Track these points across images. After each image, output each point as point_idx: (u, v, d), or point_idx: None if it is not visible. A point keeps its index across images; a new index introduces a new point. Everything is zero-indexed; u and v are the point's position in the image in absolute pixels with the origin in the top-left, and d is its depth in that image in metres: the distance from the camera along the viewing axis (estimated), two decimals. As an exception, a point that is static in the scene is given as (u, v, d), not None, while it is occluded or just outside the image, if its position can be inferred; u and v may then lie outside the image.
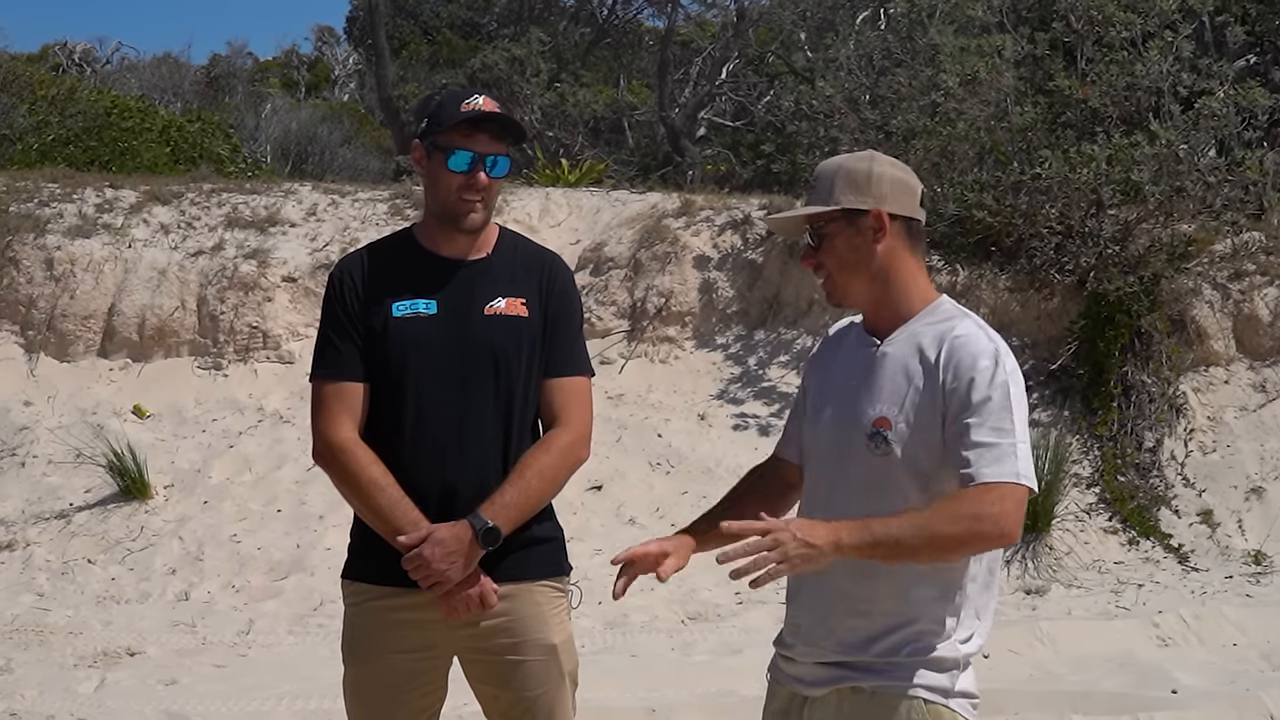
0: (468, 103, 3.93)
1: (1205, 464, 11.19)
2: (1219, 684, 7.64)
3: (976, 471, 3.20)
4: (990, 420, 3.23)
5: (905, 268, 3.44)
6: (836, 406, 3.48)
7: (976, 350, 3.30)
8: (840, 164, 3.48)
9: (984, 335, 3.34)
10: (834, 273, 3.46)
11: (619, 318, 12.87)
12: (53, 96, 19.30)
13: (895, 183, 3.44)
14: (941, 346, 3.32)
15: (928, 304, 3.45)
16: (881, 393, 3.37)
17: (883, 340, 3.44)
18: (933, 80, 13.02)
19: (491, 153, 3.92)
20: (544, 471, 3.90)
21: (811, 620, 3.45)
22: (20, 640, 8.89)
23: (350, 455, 3.88)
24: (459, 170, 3.90)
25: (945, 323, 3.39)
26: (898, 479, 3.32)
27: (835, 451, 3.45)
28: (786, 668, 3.53)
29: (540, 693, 3.97)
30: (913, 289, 3.45)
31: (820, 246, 3.46)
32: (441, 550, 3.77)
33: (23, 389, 12.17)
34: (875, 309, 3.48)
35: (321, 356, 3.99)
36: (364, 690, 4.00)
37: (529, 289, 3.99)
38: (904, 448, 3.31)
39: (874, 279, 3.44)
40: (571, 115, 23.78)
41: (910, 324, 3.42)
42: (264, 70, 37.91)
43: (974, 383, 3.26)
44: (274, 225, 13.53)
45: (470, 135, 3.90)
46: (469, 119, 3.89)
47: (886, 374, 3.38)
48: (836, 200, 3.43)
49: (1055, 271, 11.95)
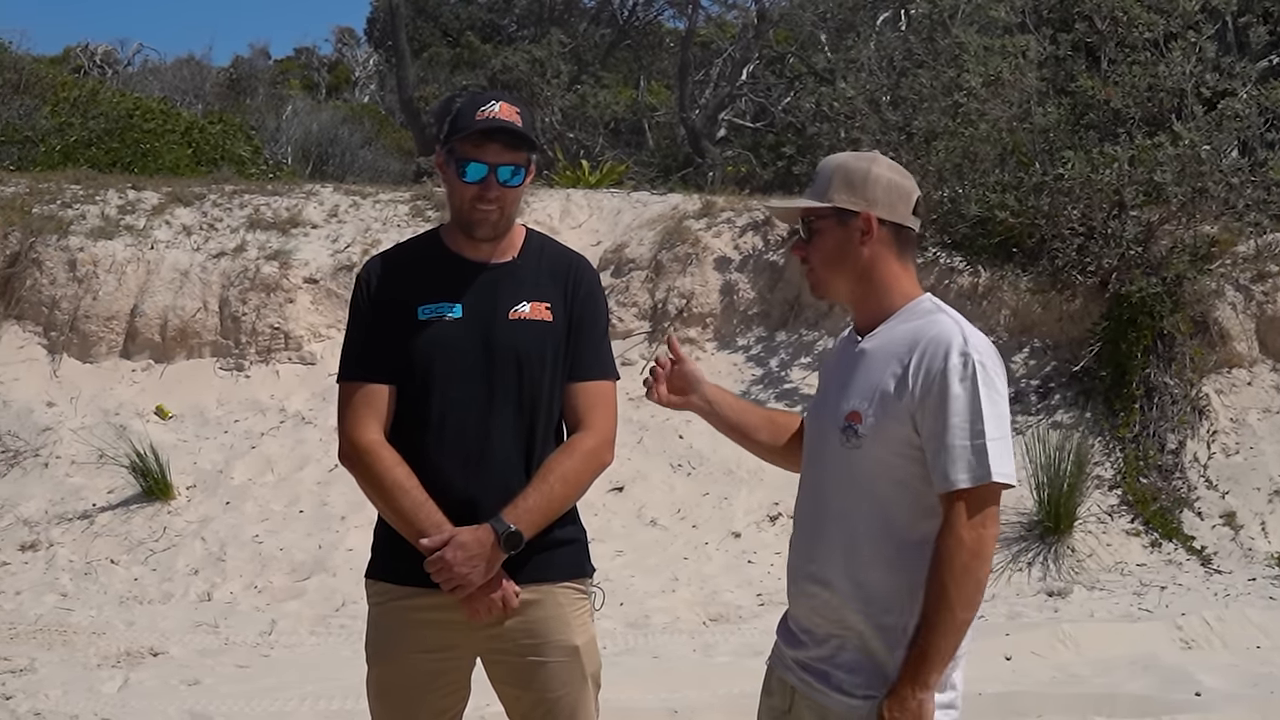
0: (483, 110, 3.90)
1: (1228, 466, 11.14)
2: (1242, 687, 7.61)
3: (952, 476, 3.26)
4: (960, 420, 3.27)
5: (889, 270, 3.51)
6: (819, 403, 3.61)
7: (947, 348, 3.33)
8: (841, 162, 3.55)
9: (957, 331, 3.38)
10: (818, 266, 3.55)
11: (640, 319, 12.87)
12: (75, 98, 19.41)
13: (890, 188, 3.49)
14: (914, 346, 3.37)
15: (909, 301, 3.50)
16: (856, 388, 3.44)
17: (864, 337, 3.51)
18: (955, 81, 12.98)
19: (505, 163, 3.90)
20: (567, 476, 3.90)
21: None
22: (44, 640, 8.92)
23: (375, 457, 3.88)
24: (471, 181, 3.90)
25: (921, 320, 3.44)
26: (869, 474, 3.38)
27: (816, 446, 3.56)
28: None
29: (562, 694, 3.97)
30: (894, 289, 3.51)
31: (810, 240, 3.54)
32: (464, 554, 3.78)
33: (46, 390, 12.22)
34: (858, 307, 3.56)
35: (348, 358, 4.00)
36: (387, 690, 4.01)
37: (554, 293, 3.99)
38: (874, 442, 3.37)
39: (857, 278, 3.51)
40: (592, 117, 23.83)
41: (889, 321, 3.49)
42: (284, 71, 37.98)
43: (945, 382, 3.29)
44: (295, 226, 13.56)
45: (482, 145, 3.88)
46: (481, 130, 3.87)
47: (862, 370, 3.45)
48: (830, 198, 3.50)
49: (1077, 273, 11.91)
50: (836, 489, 3.44)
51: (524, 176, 3.95)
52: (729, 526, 10.66)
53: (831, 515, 3.46)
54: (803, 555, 3.54)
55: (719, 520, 10.74)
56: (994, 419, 3.28)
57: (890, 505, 3.38)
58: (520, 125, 3.91)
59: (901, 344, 3.39)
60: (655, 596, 9.70)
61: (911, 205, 3.52)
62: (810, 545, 3.51)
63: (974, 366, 3.30)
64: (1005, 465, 3.27)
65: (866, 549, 3.39)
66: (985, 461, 3.24)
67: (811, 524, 3.53)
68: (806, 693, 3.51)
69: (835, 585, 3.42)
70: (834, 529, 3.45)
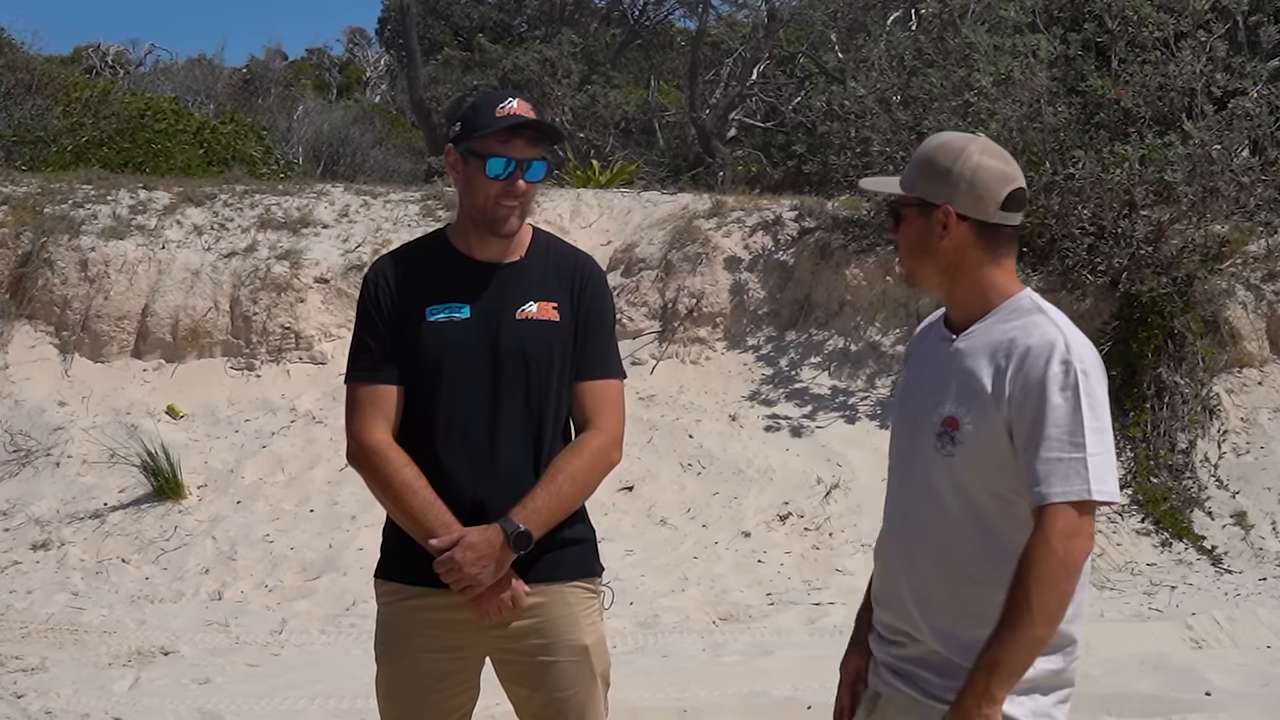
0: (503, 106, 3.91)
1: (1239, 465, 11.13)
2: (1253, 686, 7.59)
3: (1046, 490, 3.09)
4: (1059, 432, 3.11)
5: (978, 266, 3.31)
6: (915, 403, 3.39)
7: (1047, 355, 3.15)
8: (937, 145, 3.35)
9: (1059, 336, 3.19)
10: (904, 255, 3.39)
11: (650, 318, 12.87)
12: (87, 99, 19.44)
13: (977, 180, 3.26)
14: (1012, 350, 3.19)
15: (1006, 298, 3.31)
16: (951, 391, 3.27)
17: (958, 335, 3.33)
18: (965, 80, 12.97)
19: (528, 158, 3.91)
20: (575, 475, 3.90)
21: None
22: (55, 639, 8.94)
23: (383, 458, 3.89)
24: (497, 176, 3.89)
25: (1020, 321, 3.25)
26: (964, 482, 3.22)
27: (909, 449, 3.38)
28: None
29: (572, 693, 3.97)
30: (988, 285, 3.32)
31: (898, 225, 3.39)
32: (473, 554, 3.78)
33: (57, 389, 12.24)
34: (949, 300, 3.39)
35: (356, 359, 4.00)
36: (396, 689, 4.01)
37: (561, 292, 3.99)
38: (970, 450, 3.20)
39: (943, 271, 3.33)
40: (602, 116, 23.83)
41: (985, 320, 3.30)
42: (296, 71, 38.04)
43: (1043, 392, 3.12)
44: (306, 226, 13.58)
45: (507, 141, 3.89)
46: (506, 125, 3.88)
47: (957, 372, 3.28)
48: (914, 187, 3.33)
49: (1088, 272, 11.90)
50: (929, 495, 3.28)
51: (544, 172, 3.97)
52: (739, 526, 10.66)
53: (922, 521, 3.30)
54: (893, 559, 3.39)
55: (729, 520, 10.74)
56: (1095, 432, 3.11)
57: (985, 515, 3.22)
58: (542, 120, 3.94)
59: (999, 346, 3.21)
60: (665, 596, 9.71)
61: (1002, 198, 3.28)
62: (900, 550, 3.37)
63: (1076, 376, 3.12)
64: (1107, 482, 3.12)
65: (958, 559, 3.25)
66: (1085, 475, 3.08)
67: (902, 528, 3.38)
68: (892, 696, 3.37)
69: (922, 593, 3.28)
70: (923, 535, 3.30)
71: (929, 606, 3.28)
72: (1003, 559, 3.16)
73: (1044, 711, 3.27)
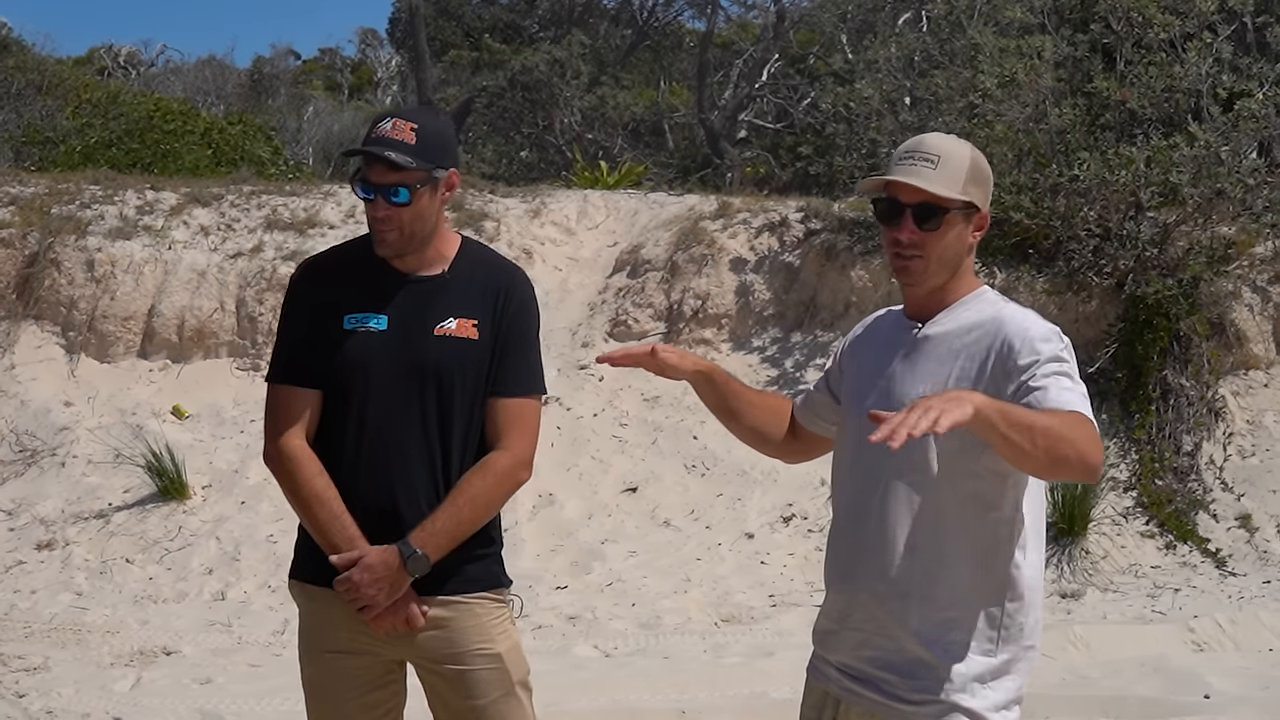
0: (379, 127, 3.86)
1: (1244, 468, 11.11)
2: (1252, 689, 7.58)
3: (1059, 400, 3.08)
4: (1055, 369, 3.15)
5: (969, 266, 3.42)
6: (879, 394, 3.39)
7: (1028, 323, 3.24)
8: (969, 152, 3.37)
9: (1036, 315, 3.30)
10: (932, 257, 3.33)
11: (655, 320, 12.87)
12: (96, 100, 19.48)
13: (990, 187, 3.40)
14: (989, 323, 3.27)
15: (972, 290, 3.40)
16: (923, 373, 3.31)
17: (924, 324, 3.38)
18: (971, 82, 12.97)
19: (387, 183, 3.83)
20: (477, 498, 3.89)
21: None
22: (58, 639, 8.97)
23: (296, 464, 3.91)
24: (364, 199, 3.90)
25: (991, 305, 3.34)
26: (942, 466, 3.23)
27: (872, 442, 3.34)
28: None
29: (488, 701, 3.97)
30: (964, 283, 3.41)
31: (936, 228, 3.31)
32: (370, 576, 3.82)
33: (63, 389, 12.27)
34: (926, 296, 3.41)
35: (276, 361, 4.01)
36: (317, 689, 4.07)
37: (482, 309, 3.95)
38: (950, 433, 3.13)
39: (952, 271, 3.38)
40: (611, 117, 23.84)
41: (952, 308, 3.37)
42: (308, 72, 38.11)
43: (1032, 346, 3.18)
44: (313, 227, 13.60)
45: (369, 165, 3.86)
46: (362, 150, 3.86)
47: (928, 355, 3.33)
48: (966, 190, 3.32)
49: (1093, 274, 11.88)
50: (902, 484, 3.28)
51: (410, 196, 3.84)
52: (742, 528, 10.66)
53: (893, 510, 3.30)
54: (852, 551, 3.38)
55: (732, 521, 10.74)
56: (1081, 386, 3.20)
57: (963, 500, 3.25)
58: (411, 143, 3.82)
59: (973, 326, 3.29)
60: (667, 597, 9.71)
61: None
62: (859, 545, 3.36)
63: (1060, 341, 3.24)
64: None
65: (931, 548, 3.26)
66: (1086, 406, 3.12)
67: (865, 523, 3.37)
68: (852, 701, 3.37)
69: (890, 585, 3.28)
70: (892, 527, 3.30)
71: (904, 603, 3.28)
72: (977, 546, 3.24)
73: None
